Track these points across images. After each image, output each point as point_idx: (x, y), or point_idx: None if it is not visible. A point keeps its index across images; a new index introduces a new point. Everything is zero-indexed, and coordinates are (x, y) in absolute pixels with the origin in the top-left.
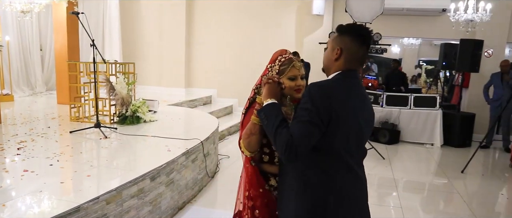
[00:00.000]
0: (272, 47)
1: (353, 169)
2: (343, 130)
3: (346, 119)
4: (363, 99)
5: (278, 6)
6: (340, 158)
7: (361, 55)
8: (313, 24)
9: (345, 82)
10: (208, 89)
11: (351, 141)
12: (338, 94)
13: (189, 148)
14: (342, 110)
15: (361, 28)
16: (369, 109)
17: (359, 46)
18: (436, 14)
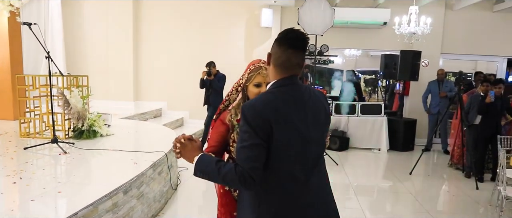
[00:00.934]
0: (222, 59)
1: (300, 178)
2: (282, 141)
3: (282, 129)
4: (303, 104)
5: (227, 18)
6: (283, 169)
7: (285, 59)
8: (262, 36)
9: (278, 92)
10: (158, 102)
11: (294, 150)
12: (270, 108)
13: (155, 160)
14: (277, 122)
15: (284, 32)
16: (314, 112)
17: (283, 50)
18: (378, 27)
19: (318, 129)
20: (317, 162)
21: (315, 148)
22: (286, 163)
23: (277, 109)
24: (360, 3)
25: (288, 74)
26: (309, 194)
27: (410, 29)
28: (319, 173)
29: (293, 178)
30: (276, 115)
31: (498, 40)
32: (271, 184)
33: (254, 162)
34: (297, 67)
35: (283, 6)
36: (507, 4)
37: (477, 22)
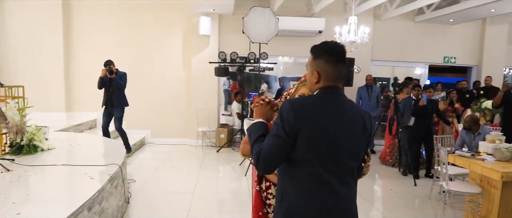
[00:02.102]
0: (160, 67)
1: (323, 181)
2: (309, 141)
3: (311, 131)
4: (341, 113)
5: (165, 26)
6: (311, 170)
7: (337, 73)
8: (201, 44)
9: (320, 98)
10: (91, 112)
11: (320, 153)
12: (306, 108)
13: (112, 174)
14: (309, 123)
15: (333, 48)
16: (351, 125)
17: (334, 65)
18: (314, 35)
19: (353, 142)
20: (344, 171)
21: (346, 158)
22: (310, 164)
23: (312, 110)
24: (296, 12)
25: (333, 84)
26: (328, 201)
27: (350, 38)
28: (344, 183)
29: (314, 180)
30: (309, 116)
31: (420, 48)
32: (293, 180)
33: (270, 151)
34: (341, 78)
35: (221, 14)
36: (427, 15)
37: (401, 31)
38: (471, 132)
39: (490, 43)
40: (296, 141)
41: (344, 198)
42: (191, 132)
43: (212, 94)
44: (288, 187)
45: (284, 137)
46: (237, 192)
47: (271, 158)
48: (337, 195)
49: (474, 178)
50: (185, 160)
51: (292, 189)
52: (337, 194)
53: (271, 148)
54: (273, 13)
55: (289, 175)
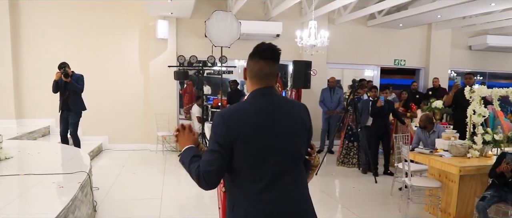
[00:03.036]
0: (115, 71)
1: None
2: (246, 148)
3: (246, 137)
4: (273, 113)
5: (120, 30)
6: (248, 175)
7: (257, 70)
8: (159, 48)
9: (250, 102)
10: (44, 119)
11: (258, 157)
12: (237, 117)
13: (82, 181)
14: (241, 131)
15: (256, 46)
16: (287, 123)
17: (255, 61)
18: (271, 38)
19: (290, 139)
20: (285, 170)
21: (284, 157)
22: (249, 169)
23: (242, 117)
24: (253, 16)
25: (263, 85)
26: (274, 202)
27: (311, 42)
28: (288, 182)
29: (257, 185)
30: (241, 123)
31: (372, 51)
32: (239, 188)
33: (208, 166)
34: (270, 77)
35: (178, 17)
36: (379, 20)
37: (355, 35)
38: (426, 130)
39: (435, 46)
40: (233, 150)
41: (294, 199)
42: (150, 137)
43: (171, 98)
44: (236, 196)
45: (220, 150)
46: (204, 195)
47: (210, 172)
48: (285, 197)
49: (433, 173)
50: (146, 165)
51: (240, 197)
52: (285, 196)
53: (209, 163)
54: (235, 17)
55: (235, 184)
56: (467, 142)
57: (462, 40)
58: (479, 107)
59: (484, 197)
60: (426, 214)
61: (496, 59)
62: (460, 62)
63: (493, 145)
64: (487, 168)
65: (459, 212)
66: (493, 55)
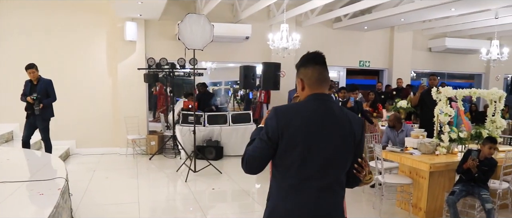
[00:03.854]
0: (82, 73)
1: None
2: (288, 143)
3: (293, 136)
4: (323, 117)
5: (86, 31)
6: (289, 172)
7: (317, 76)
8: (127, 50)
9: (305, 103)
10: (7, 123)
11: (297, 156)
12: (289, 114)
13: (61, 188)
14: (288, 125)
15: (307, 54)
16: (333, 128)
17: (311, 69)
18: (241, 41)
19: (333, 145)
20: (320, 174)
21: (322, 161)
22: (287, 165)
23: (294, 115)
24: (222, 19)
25: (319, 90)
26: (299, 203)
27: (283, 44)
28: (320, 188)
29: (289, 181)
30: (290, 120)
31: (339, 53)
32: (276, 181)
33: (253, 152)
34: (327, 82)
35: (147, 19)
36: (344, 23)
37: (321, 37)
38: (395, 129)
39: (398, 48)
40: (278, 144)
41: (324, 203)
42: (119, 140)
43: (141, 101)
44: (273, 188)
45: (266, 140)
46: (183, 197)
47: (253, 158)
48: (314, 199)
49: (403, 171)
50: (118, 169)
51: (275, 190)
52: (315, 198)
53: (254, 149)
54: (208, 20)
55: (274, 177)
56: (435, 140)
57: (423, 43)
58: (445, 107)
59: (453, 191)
60: (398, 209)
61: (454, 61)
62: (421, 63)
63: (458, 142)
64: (454, 164)
65: (429, 206)
66: (451, 57)
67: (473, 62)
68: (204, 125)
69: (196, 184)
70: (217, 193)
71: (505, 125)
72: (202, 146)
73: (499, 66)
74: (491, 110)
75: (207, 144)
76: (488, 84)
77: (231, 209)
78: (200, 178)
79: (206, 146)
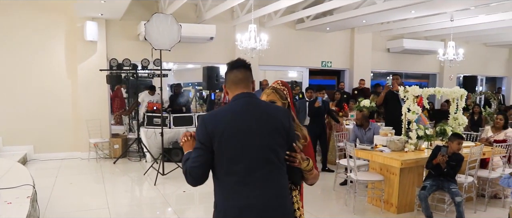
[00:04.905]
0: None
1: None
2: (221, 143)
3: (223, 136)
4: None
5: (43, 31)
6: (227, 172)
7: (232, 78)
8: (88, 51)
9: (229, 104)
10: None
11: (232, 152)
12: (214, 118)
13: (30, 195)
14: (217, 129)
15: (228, 63)
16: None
17: (229, 74)
18: (205, 41)
19: (263, 137)
20: (258, 166)
21: (256, 153)
22: (225, 163)
23: (220, 117)
24: (185, 19)
25: (239, 90)
26: (248, 196)
27: (251, 45)
28: (262, 178)
29: (232, 178)
30: (217, 122)
31: (301, 53)
32: (218, 184)
33: (193, 163)
34: (244, 81)
35: (108, 19)
36: (307, 24)
37: (284, 38)
38: (363, 127)
39: (358, 49)
40: (212, 147)
41: (268, 194)
42: (81, 144)
43: (103, 103)
44: (217, 193)
45: (202, 147)
46: (154, 201)
47: (194, 168)
48: (258, 191)
49: (374, 168)
50: (82, 174)
51: (219, 192)
52: (258, 190)
53: (193, 160)
54: (176, 20)
55: (216, 181)
56: (403, 137)
57: (381, 44)
58: (412, 105)
59: (424, 186)
60: (369, 206)
61: (411, 61)
62: (380, 63)
63: (425, 139)
64: (423, 160)
65: (400, 202)
66: (408, 57)
67: (429, 63)
68: (169, 126)
69: (166, 187)
70: (188, 195)
71: (466, 122)
72: (168, 148)
73: (450, 67)
74: (453, 107)
75: (173, 146)
76: (442, 83)
77: (204, 211)
78: (169, 181)
79: (172, 148)
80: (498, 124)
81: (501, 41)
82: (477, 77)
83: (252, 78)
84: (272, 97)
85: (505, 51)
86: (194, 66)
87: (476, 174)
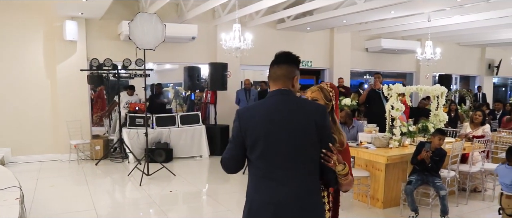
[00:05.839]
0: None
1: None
2: (252, 138)
3: (253, 130)
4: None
5: (19, 30)
6: (257, 165)
7: (271, 74)
8: (67, 50)
9: (264, 100)
10: None
11: (262, 147)
12: (248, 113)
13: (19, 197)
14: (249, 122)
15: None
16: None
17: (270, 68)
18: (187, 41)
19: (294, 135)
20: (287, 163)
21: (286, 150)
22: (256, 157)
23: (253, 112)
24: (166, 19)
25: (278, 86)
26: (272, 190)
27: (235, 44)
28: (289, 175)
29: (260, 171)
30: (251, 117)
31: None
32: (250, 175)
33: (225, 154)
34: (282, 78)
35: (88, 18)
36: (288, 24)
37: (266, 38)
38: (346, 125)
39: (338, 49)
40: (244, 141)
41: (291, 192)
42: (61, 146)
43: (84, 104)
44: (249, 182)
45: (234, 140)
46: (141, 201)
47: (226, 159)
48: (281, 188)
49: (359, 164)
50: (64, 177)
51: (250, 183)
52: (281, 187)
53: (227, 151)
54: (160, 19)
55: (249, 173)
56: (387, 134)
57: (360, 43)
58: (396, 102)
59: (410, 181)
60: (356, 202)
61: (389, 60)
62: (359, 63)
63: (408, 135)
64: (407, 156)
65: (386, 197)
66: (386, 57)
67: (406, 62)
68: (152, 127)
69: (151, 188)
70: (175, 195)
71: (447, 119)
72: (152, 149)
73: (428, 66)
74: (434, 104)
75: (156, 146)
76: (419, 82)
77: (194, 210)
78: (154, 182)
79: (155, 148)
80: (476, 120)
81: (474, 41)
82: (452, 76)
83: (296, 74)
84: (316, 95)
85: (477, 50)
86: (172, 66)
87: (457, 169)
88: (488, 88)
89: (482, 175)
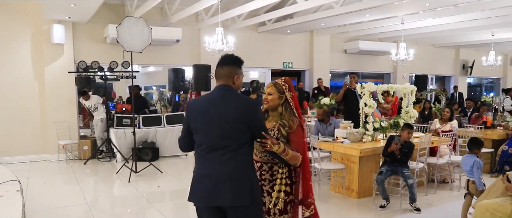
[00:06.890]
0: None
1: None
2: (193, 124)
3: (194, 117)
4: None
5: (7, 33)
6: (198, 146)
7: (216, 72)
8: (55, 53)
9: (206, 95)
10: None
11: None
12: (193, 104)
13: (19, 189)
14: (192, 111)
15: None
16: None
17: (216, 68)
18: (171, 44)
19: (224, 123)
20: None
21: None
22: (197, 139)
23: (196, 104)
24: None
25: (220, 83)
26: (204, 167)
27: (219, 46)
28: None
29: (200, 149)
30: (194, 107)
31: (263, 55)
32: (195, 155)
33: (180, 135)
34: (224, 77)
35: (75, 22)
36: (269, 27)
37: (247, 40)
38: (324, 122)
39: (317, 50)
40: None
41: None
42: (49, 146)
43: (71, 105)
44: (195, 161)
45: (184, 126)
46: (130, 195)
47: (179, 140)
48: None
49: (336, 158)
50: (54, 175)
51: (196, 163)
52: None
53: (181, 133)
54: (146, 23)
55: (195, 153)
56: (361, 129)
57: (339, 45)
58: (369, 100)
59: (381, 172)
60: (332, 193)
61: (367, 61)
62: (338, 64)
63: (380, 130)
64: (379, 149)
65: (360, 187)
66: (364, 58)
67: (383, 63)
68: (139, 126)
69: (140, 184)
70: (162, 190)
71: (416, 115)
72: (138, 148)
73: (405, 66)
74: (405, 102)
75: (143, 145)
76: (396, 82)
77: (181, 205)
78: (142, 178)
79: (142, 147)
80: (445, 116)
81: (447, 43)
82: (428, 76)
83: (236, 73)
84: (270, 90)
85: (451, 51)
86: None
87: (426, 161)
88: (463, 88)
89: (450, 167)
